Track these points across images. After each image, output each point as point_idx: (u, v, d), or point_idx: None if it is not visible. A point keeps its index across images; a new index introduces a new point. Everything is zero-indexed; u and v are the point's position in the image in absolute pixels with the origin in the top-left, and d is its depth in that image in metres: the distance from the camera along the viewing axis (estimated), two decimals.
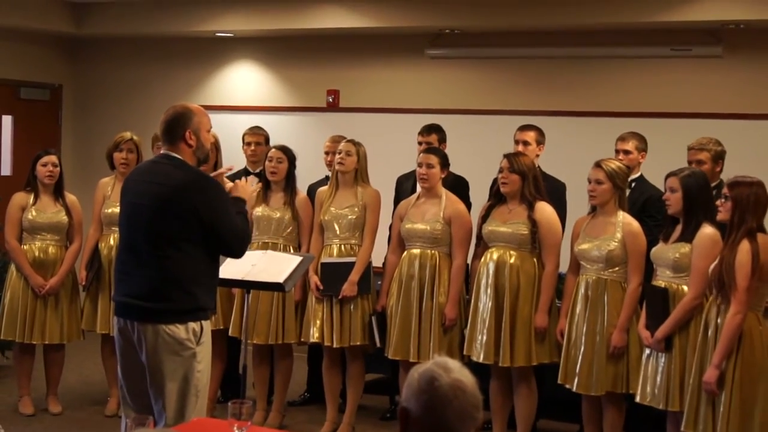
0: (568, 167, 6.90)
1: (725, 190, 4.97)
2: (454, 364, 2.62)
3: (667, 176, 5.39)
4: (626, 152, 6.26)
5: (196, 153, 4.53)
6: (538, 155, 6.46)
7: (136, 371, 4.50)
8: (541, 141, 6.53)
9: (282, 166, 6.51)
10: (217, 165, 6.42)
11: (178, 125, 4.49)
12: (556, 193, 6.27)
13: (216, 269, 4.62)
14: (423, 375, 2.59)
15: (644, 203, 6.11)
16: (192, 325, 4.43)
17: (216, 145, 6.38)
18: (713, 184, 5.67)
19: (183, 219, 4.38)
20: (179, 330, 4.39)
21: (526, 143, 6.46)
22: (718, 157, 6.02)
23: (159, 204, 4.40)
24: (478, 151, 7.90)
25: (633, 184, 6.16)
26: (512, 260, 5.90)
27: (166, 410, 4.41)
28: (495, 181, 6.28)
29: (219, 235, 4.44)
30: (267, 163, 6.54)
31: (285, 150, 6.55)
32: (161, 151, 4.60)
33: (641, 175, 6.32)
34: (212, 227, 4.41)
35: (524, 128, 6.57)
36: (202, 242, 4.42)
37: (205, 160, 4.62)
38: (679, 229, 5.33)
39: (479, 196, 6.58)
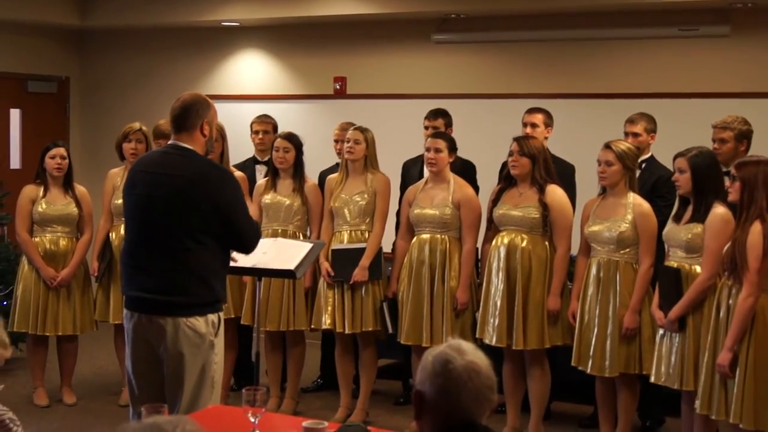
0: (577, 150, 6.89)
1: (733, 171, 4.94)
2: (468, 347, 2.61)
3: (675, 157, 5.37)
4: (635, 134, 6.22)
5: (207, 144, 4.49)
6: (546, 137, 6.45)
7: (147, 364, 4.44)
8: (549, 123, 6.53)
9: (289, 155, 6.50)
10: (223, 154, 6.43)
11: (196, 114, 4.42)
12: (565, 176, 6.26)
13: (228, 260, 4.60)
14: (437, 358, 2.59)
15: (654, 184, 6.08)
16: (211, 317, 4.39)
17: (222, 134, 6.37)
18: None
19: (203, 211, 4.31)
20: (199, 322, 4.35)
21: (534, 125, 6.46)
22: (743, 137, 5.86)
23: (177, 196, 4.32)
24: (485, 135, 7.89)
25: (643, 165, 6.14)
26: (524, 243, 5.89)
27: (182, 400, 4.38)
28: (504, 165, 6.27)
29: (235, 228, 4.40)
30: (274, 153, 6.52)
31: (291, 138, 6.53)
32: (169, 141, 4.52)
33: (651, 156, 6.30)
34: (229, 220, 4.36)
35: (532, 111, 6.57)
36: (219, 234, 4.38)
37: (210, 151, 4.61)
38: (690, 209, 5.31)
39: (487, 181, 6.58)
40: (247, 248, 4.60)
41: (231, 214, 4.37)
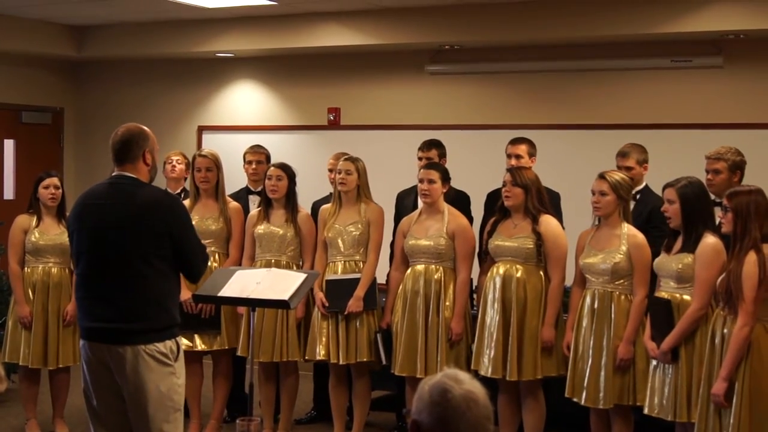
0: (570, 180, 6.91)
1: (725, 202, 4.93)
2: (465, 376, 2.60)
3: (664, 188, 5.37)
4: (628, 168, 6.15)
5: (150, 172, 4.58)
6: (530, 167, 6.42)
7: (110, 393, 4.49)
8: (533, 153, 6.50)
9: (282, 184, 6.51)
10: (218, 184, 6.55)
11: (137, 145, 4.52)
12: (551, 203, 6.24)
13: (180, 284, 4.68)
14: (434, 387, 2.57)
15: (649, 214, 6.05)
16: (169, 343, 4.45)
17: (217, 164, 6.63)
18: None
19: (154, 236, 4.40)
20: (158, 348, 4.40)
21: (518, 157, 6.43)
22: (736, 167, 5.83)
23: (129, 223, 4.40)
24: (479, 165, 7.91)
25: (638, 196, 6.14)
26: (519, 274, 5.89)
27: (151, 428, 4.41)
28: (489, 195, 6.29)
29: (186, 252, 4.50)
30: (267, 181, 6.54)
31: (284, 167, 6.55)
32: (113, 173, 4.57)
33: (646, 186, 6.27)
34: (181, 244, 4.46)
35: (516, 141, 6.54)
36: (170, 259, 4.45)
37: (152, 180, 4.67)
38: (680, 239, 5.31)
39: (480, 211, 6.58)
40: (195, 274, 4.68)
41: (183, 238, 4.47)
